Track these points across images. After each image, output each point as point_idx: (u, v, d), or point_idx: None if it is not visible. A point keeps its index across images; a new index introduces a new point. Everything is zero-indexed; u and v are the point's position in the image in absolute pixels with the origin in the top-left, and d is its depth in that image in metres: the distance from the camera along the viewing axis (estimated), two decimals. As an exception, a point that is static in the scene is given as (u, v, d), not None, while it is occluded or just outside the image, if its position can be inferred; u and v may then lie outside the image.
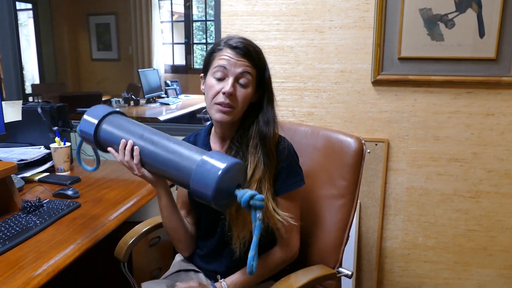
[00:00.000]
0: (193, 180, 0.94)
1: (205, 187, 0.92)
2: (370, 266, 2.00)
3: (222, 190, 0.92)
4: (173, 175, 1.01)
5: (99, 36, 5.32)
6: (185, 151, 1.00)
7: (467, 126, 1.85)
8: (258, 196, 0.91)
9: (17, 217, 1.33)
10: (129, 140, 1.06)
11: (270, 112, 1.16)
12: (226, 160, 0.94)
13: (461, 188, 1.90)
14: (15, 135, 1.95)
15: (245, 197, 0.91)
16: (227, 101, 1.09)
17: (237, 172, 0.96)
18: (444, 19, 1.75)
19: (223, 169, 0.91)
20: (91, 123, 1.10)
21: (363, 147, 1.27)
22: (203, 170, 0.93)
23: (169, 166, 1.00)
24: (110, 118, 1.11)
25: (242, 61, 1.09)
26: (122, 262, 1.29)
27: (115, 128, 1.09)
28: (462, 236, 1.94)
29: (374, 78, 1.83)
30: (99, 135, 1.11)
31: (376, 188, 1.93)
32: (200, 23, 5.60)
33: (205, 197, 0.93)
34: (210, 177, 0.91)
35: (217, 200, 0.93)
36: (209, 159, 0.94)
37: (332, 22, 1.84)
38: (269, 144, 1.13)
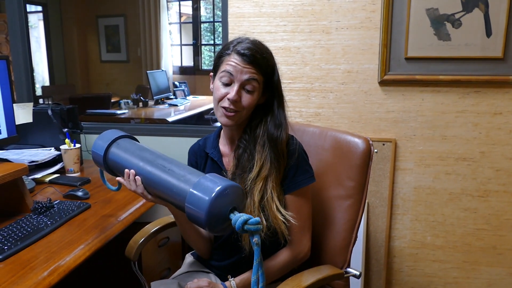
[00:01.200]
0: (187, 203, 0.92)
1: (198, 211, 0.89)
2: (379, 266, 2.00)
3: (216, 214, 0.89)
4: (171, 198, 1.00)
5: (108, 38, 5.37)
6: (184, 174, 0.98)
7: (475, 125, 1.84)
8: (252, 220, 0.87)
9: (29, 218, 1.35)
10: (132, 166, 1.08)
11: (281, 115, 1.16)
12: (220, 182, 0.91)
13: (469, 187, 1.90)
14: (26, 136, 1.98)
15: (238, 222, 0.87)
16: (232, 106, 1.11)
17: (232, 195, 0.92)
18: (451, 18, 1.74)
19: (216, 191, 0.88)
20: (100, 146, 1.15)
21: (370, 148, 1.27)
22: (196, 193, 0.91)
23: (167, 189, 0.99)
24: (120, 142, 1.14)
25: (248, 68, 1.09)
26: (132, 261, 1.30)
27: (122, 152, 1.12)
28: (470, 235, 1.94)
29: (381, 78, 1.83)
30: (108, 159, 1.14)
31: (384, 187, 1.93)
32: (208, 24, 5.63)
33: (198, 220, 0.90)
34: (203, 200, 0.88)
35: (211, 224, 0.90)
36: (204, 182, 0.92)
37: (339, 22, 1.84)
38: (280, 146, 1.13)
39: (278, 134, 1.14)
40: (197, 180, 0.92)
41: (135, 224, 1.49)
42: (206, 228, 0.89)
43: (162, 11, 5.24)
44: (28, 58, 2.26)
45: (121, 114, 3.58)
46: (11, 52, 2.23)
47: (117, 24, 5.28)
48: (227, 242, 1.22)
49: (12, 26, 2.20)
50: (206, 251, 1.30)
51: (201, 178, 0.93)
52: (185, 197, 0.92)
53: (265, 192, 1.11)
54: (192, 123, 3.53)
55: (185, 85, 4.53)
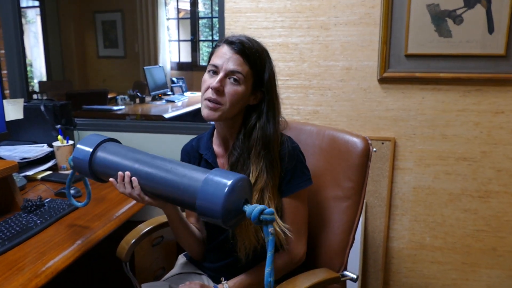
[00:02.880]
0: (199, 200, 0.91)
1: (213, 206, 0.89)
2: (376, 267, 1.97)
3: (231, 208, 0.90)
4: (177, 197, 0.98)
5: (105, 33, 5.32)
6: (188, 172, 0.97)
7: (476, 124, 1.81)
8: (267, 210, 0.88)
9: (18, 217, 1.32)
10: (126, 168, 1.04)
11: (270, 119, 1.10)
12: (231, 176, 0.92)
13: (469, 188, 1.87)
14: (18, 133, 1.94)
15: (254, 212, 0.88)
16: (214, 96, 1.06)
17: (243, 188, 0.93)
18: (452, 15, 1.70)
19: (229, 185, 0.89)
20: (85, 152, 1.08)
21: (369, 147, 1.24)
22: (208, 189, 0.91)
23: (172, 188, 0.97)
24: (106, 146, 1.10)
25: (235, 57, 1.06)
26: (124, 262, 1.27)
27: (111, 155, 1.07)
28: (470, 236, 1.91)
29: (381, 75, 1.79)
30: (94, 164, 1.08)
31: (383, 187, 1.89)
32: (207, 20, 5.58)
33: (213, 216, 0.90)
34: (217, 195, 0.89)
35: (227, 219, 0.90)
36: (214, 177, 0.92)
37: (338, 18, 1.81)
38: (273, 153, 1.09)
39: (268, 137, 1.09)
40: (206, 176, 0.93)
41: (129, 222, 1.46)
42: (221, 222, 0.90)
43: (159, 6, 5.19)
44: (21, 53, 2.22)
45: (117, 110, 3.54)
46: (4, 47, 2.19)
47: (115, 19, 5.24)
48: (221, 244, 1.19)
49: (6, 21, 2.16)
50: (199, 253, 1.27)
51: (209, 174, 0.93)
52: (194, 194, 0.92)
53: (262, 203, 1.07)
54: (189, 119, 3.49)
55: (183, 81, 4.49)
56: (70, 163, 1.12)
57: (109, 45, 5.34)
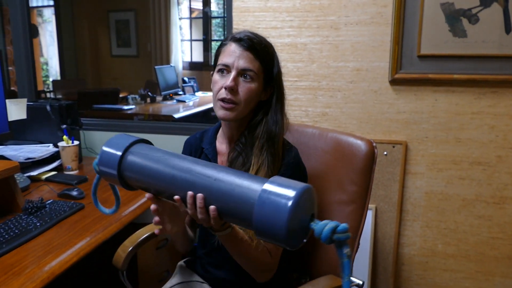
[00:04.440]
0: (257, 221, 0.73)
1: (274, 229, 0.71)
2: (386, 274, 1.91)
3: (296, 226, 0.72)
4: (232, 214, 0.80)
5: (118, 32, 5.35)
6: (242, 181, 0.78)
7: (492, 127, 1.74)
8: (341, 227, 0.71)
9: (18, 218, 1.30)
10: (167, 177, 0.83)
11: (279, 111, 1.10)
12: (294, 187, 0.73)
13: (484, 193, 1.80)
14: (24, 133, 1.94)
15: (325, 232, 0.71)
16: (229, 96, 1.04)
17: (308, 200, 0.75)
18: (468, 14, 1.64)
19: (294, 199, 0.70)
20: (113, 156, 0.88)
21: (374, 150, 1.20)
22: (267, 203, 0.72)
23: (225, 205, 0.79)
24: (137, 149, 0.89)
25: (246, 54, 1.04)
26: (120, 271, 1.24)
27: (146, 160, 0.86)
28: (484, 244, 1.84)
29: (392, 77, 1.74)
30: (124, 170, 0.88)
31: (393, 192, 1.84)
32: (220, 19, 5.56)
33: (276, 239, 0.73)
34: (278, 215, 0.70)
35: (291, 240, 0.73)
36: (273, 188, 0.73)
37: (348, 18, 1.76)
38: (276, 145, 1.07)
39: (275, 130, 1.07)
40: (265, 183, 0.74)
41: (132, 224, 1.43)
42: (284, 245, 0.73)
43: (172, 6, 5.20)
44: (30, 52, 2.22)
45: (128, 109, 3.54)
46: (13, 46, 2.20)
47: (128, 18, 5.26)
48: (215, 250, 1.16)
49: (14, 19, 2.16)
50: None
51: (267, 184, 0.74)
52: (250, 210, 0.74)
53: None
54: (198, 120, 3.47)
55: (194, 81, 4.47)
56: (95, 168, 0.93)
57: (122, 44, 5.37)
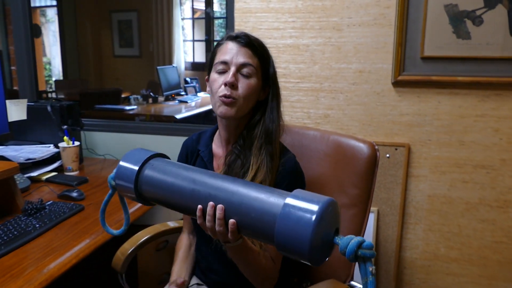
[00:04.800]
0: (278, 237, 0.71)
1: (297, 245, 0.69)
2: (388, 277, 1.90)
3: (319, 241, 0.70)
4: (252, 233, 0.79)
5: (121, 32, 5.35)
6: (260, 197, 0.76)
7: (496, 130, 1.72)
8: (366, 244, 0.69)
9: (17, 220, 1.29)
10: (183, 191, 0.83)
11: (275, 109, 1.10)
12: (318, 200, 0.71)
13: (487, 197, 1.78)
14: (25, 133, 1.93)
15: (350, 247, 0.68)
16: (229, 92, 1.03)
17: (333, 215, 0.73)
18: (472, 15, 1.63)
19: (316, 218, 0.68)
20: (130, 170, 0.88)
21: (376, 153, 1.19)
22: (290, 217, 0.70)
23: (246, 216, 0.77)
24: (154, 163, 0.90)
25: (244, 50, 1.05)
26: (119, 274, 1.23)
27: (164, 175, 0.86)
28: (488, 248, 1.82)
29: (395, 78, 1.72)
30: (142, 185, 0.89)
31: (396, 195, 1.82)
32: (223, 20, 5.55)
33: (298, 254, 0.71)
34: (301, 232, 0.68)
35: (315, 257, 0.70)
36: (296, 201, 0.71)
37: (351, 19, 1.74)
38: (274, 143, 1.07)
39: (272, 129, 1.07)
40: (287, 198, 0.72)
41: (133, 226, 1.42)
42: (307, 261, 0.71)
43: (175, 6, 5.19)
44: (31, 52, 2.21)
45: (129, 110, 3.53)
46: (14, 46, 2.19)
47: (130, 19, 5.26)
48: (214, 256, 1.15)
49: (15, 19, 2.15)
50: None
51: (289, 197, 0.72)
52: (272, 224, 0.72)
53: None
54: (200, 121, 3.46)
55: (197, 81, 4.46)
56: (111, 182, 0.93)
57: (125, 44, 5.36)
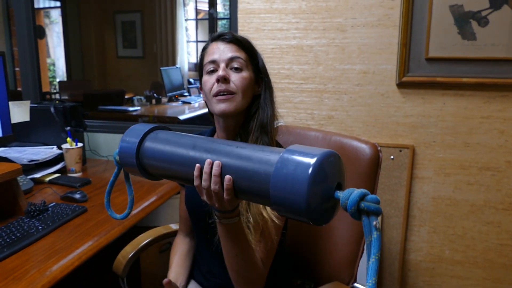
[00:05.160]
0: (274, 188, 0.65)
1: (293, 195, 0.63)
2: (392, 280, 1.88)
3: (318, 195, 0.63)
4: (248, 189, 0.73)
5: (124, 33, 5.35)
6: (257, 153, 0.72)
7: (501, 132, 1.71)
8: (370, 196, 0.61)
9: (20, 222, 1.29)
10: (184, 157, 0.80)
11: (269, 101, 1.08)
12: (315, 153, 0.65)
13: (493, 199, 1.77)
14: (28, 134, 1.93)
15: (352, 198, 0.61)
16: (223, 87, 1.01)
17: (333, 166, 0.66)
18: (477, 16, 1.61)
19: (314, 165, 0.62)
20: (131, 143, 0.87)
21: (379, 154, 1.18)
22: (285, 172, 0.64)
23: (242, 178, 0.73)
24: (154, 135, 0.88)
25: (229, 46, 1.05)
26: (120, 278, 1.23)
27: (164, 144, 0.85)
28: (493, 250, 1.80)
29: (399, 80, 1.71)
30: (143, 158, 0.87)
31: (400, 197, 1.81)
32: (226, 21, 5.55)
33: (295, 209, 0.64)
34: (298, 180, 0.62)
35: (313, 211, 0.64)
36: (291, 156, 0.66)
37: (355, 20, 1.73)
38: (269, 133, 1.05)
39: (267, 121, 1.06)
40: (282, 153, 0.67)
41: (136, 228, 1.42)
42: (305, 218, 0.65)
43: (178, 7, 5.19)
44: (34, 53, 2.21)
45: (133, 111, 3.53)
46: (18, 47, 2.19)
47: (134, 20, 5.26)
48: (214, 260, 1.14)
49: (19, 20, 2.16)
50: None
51: (284, 153, 0.67)
52: (267, 179, 0.67)
53: None
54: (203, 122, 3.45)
55: (200, 82, 4.45)
56: (115, 158, 0.92)
57: (128, 45, 5.37)
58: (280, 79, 1.84)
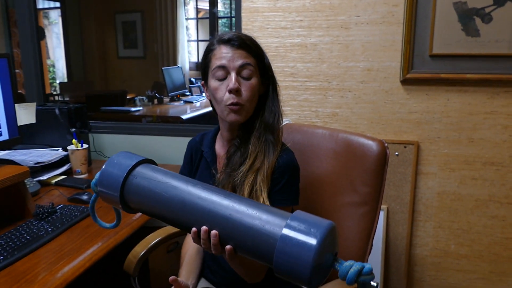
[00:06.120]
0: (278, 257, 0.69)
1: (298, 266, 0.68)
2: (399, 274, 1.89)
3: (319, 266, 0.68)
4: (248, 254, 0.76)
5: (125, 34, 5.35)
6: (261, 215, 0.74)
7: (505, 127, 1.71)
8: (366, 269, 0.69)
9: (29, 224, 1.30)
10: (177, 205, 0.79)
11: (276, 100, 1.11)
12: (318, 224, 0.70)
13: (497, 194, 1.77)
14: (33, 137, 1.94)
15: (351, 275, 0.68)
16: (236, 100, 1.03)
17: (332, 238, 0.72)
18: (481, 13, 1.61)
19: (319, 238, 0.67)
20: (115, 177, 0.83)
21: (386, 151, 1.18)
22: (290, 243, 0.68)
23: (243, 240, 0.75)
24: (142, 170, 0.85)
25: (239, 53, 1.04)
26: (132, 277, 1.23)
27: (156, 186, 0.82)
28: (498, 244, 1.81)
29: (404, 76, 1.72)
30: (128, 194, 0.84)
31: (405, 192, 1.82)
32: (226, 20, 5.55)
33: (297, 277, 0.69)
34: (304, 252, 0.67)
35: (314, 280, 0.69)
36: (296, 225, 0.70)
37: (359, 17, 1.74)
38: (276, 134, 1.08)
39: (273, 121, 1.08)
40: (282, 229, 0.70)
41: (143, 228, 1.42)
42: (305, 284, 0.69)
43: (179, 6, 5.18)
44: (38, 55, 2.22)
45: (135, 111, 3.54)
46: (21, 49, 2.19)
47: (135, 20, 5.25)
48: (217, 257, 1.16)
49: (22, 22, 2.16)
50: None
51: (289, 220, 0.71)
52: (271, 249, 0.70)
53: (254, 184, 1.03)
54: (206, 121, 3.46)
55: (201, 81, 4.45)
56: (94, 188, 0.88)
57: (129, 45, 5.36)
58: (284, 77, 1.85)
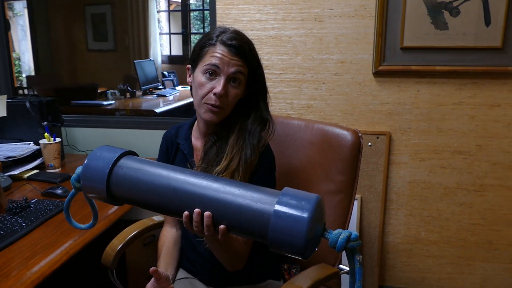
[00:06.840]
0: (273, 231, 0.73)
1: (292, 238, 0.72)
2: (372, 262, 1.95)
3: (311, 237, 0.73)
4: (242, 233, 0.81)
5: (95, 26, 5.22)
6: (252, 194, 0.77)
7: (472, 117, 1.78)
8: (354, 235, 0.74)
9: (2, 219, 1.27)
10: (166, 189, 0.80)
11: (267, 110, 1.12)
12: (308, 198, 0.75)
13: (465, 182, 1.85)
14: (3, 131, 1.89)
15: (340, 241, 0.73)
16: (218, 103, 1.04)
17: (321, 210, 0.76)
18: (449, 7, 1.67)
19: (311, 211, 0.72)
20: (100, 169, 0.83)
21: (360, 140, 1.23)
22: (284, 217, 0.73)
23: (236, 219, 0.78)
24: (126, 161, 0.85)
25: (235, 60, 1.03)
26: (110, 270, 1.23)
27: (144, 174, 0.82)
28: (466, 230, 1.89)
29: (376, 69, 1.76)
30: (114, 186, 0.84)
31: (378, 182, 1.87)
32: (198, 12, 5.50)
33: (292, 250, 0.74)
34: (297, 224, 0.72)
35: (307, 251, 0.74)
36: (287, 200, 0.74)
37: (332, 10, 1.76)
38: (260, 142, 1.08)
39: (257, 130, 1.09)
40: (276, 200, 0.75)
41: (120, 221, 1.42)
42: (300, 257, 0.74)
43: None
44: (6, 48, 2.15)
45: (107, 105, 3.48)
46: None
47: (104, 12, 5.14)
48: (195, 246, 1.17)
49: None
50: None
51: (280, 196, 0.75)
52: (265, 225, 0.74)
53: None
54: (180, 114, 3.44)
55: (174, 74, 4.42)
56: (74, 184, 0.88)
57: (99, 38, 5.24)
58: (259, 70, 1.86)
